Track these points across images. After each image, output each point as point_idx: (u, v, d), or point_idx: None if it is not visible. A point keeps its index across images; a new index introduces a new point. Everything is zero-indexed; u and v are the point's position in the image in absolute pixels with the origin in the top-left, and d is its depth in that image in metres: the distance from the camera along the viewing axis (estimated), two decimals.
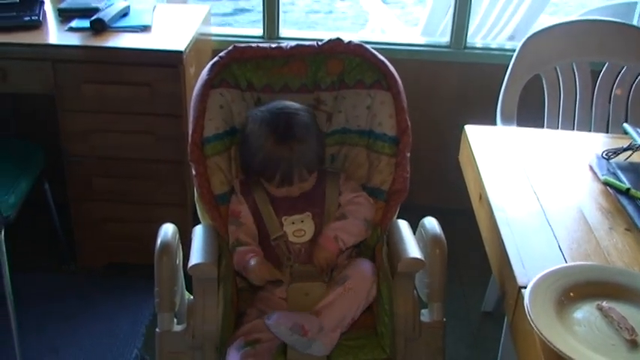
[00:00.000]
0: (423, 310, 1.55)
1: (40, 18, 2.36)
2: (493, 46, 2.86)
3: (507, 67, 2.26)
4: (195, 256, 1.41)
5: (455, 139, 1.87)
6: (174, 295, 1.47)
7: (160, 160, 2.39)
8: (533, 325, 1.09)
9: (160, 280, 1.44)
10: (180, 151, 2.33)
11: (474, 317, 2.47)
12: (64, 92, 2.28)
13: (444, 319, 1.53)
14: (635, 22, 2.72)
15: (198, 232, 1.53)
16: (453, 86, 2.86)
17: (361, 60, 1.59)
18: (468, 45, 2.82)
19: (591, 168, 1.66)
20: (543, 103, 2.25)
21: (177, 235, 1.52)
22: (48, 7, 2.48)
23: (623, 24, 2.27)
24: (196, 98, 1.53)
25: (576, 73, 2.23)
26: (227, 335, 1.45)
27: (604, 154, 1.66)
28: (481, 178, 1.60)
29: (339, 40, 1.59)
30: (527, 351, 1.18)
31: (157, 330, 1.47)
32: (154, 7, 2.56)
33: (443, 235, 1.52)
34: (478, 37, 2.88)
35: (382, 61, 1.58)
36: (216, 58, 1.56)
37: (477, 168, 1.65)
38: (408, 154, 1.57)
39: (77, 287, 2.49)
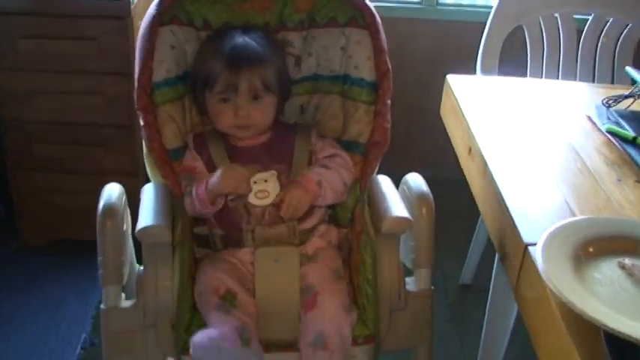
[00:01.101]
0: (407, 279, 1.37)
1: None
2: (466, 2, 2.68)
3: (482, 26, 2.08)
4: (145, 219, 1.21)
5: (428, 101, 1.68)
6: (122, 265, 1.26)
7: (108, 124, 2.16)
8: (552, 287, 0.92)
9: (104, 248, 1.24)
10: (130, 114, 2.11)
11: (452, 289, 2.32)
12: (0, 49, 2.05)
13: (432, 288, 1.36)
14: None
15: (147, 192, 1.32)
16: (426, 45, 2.69)
17: None
18: (439, 2, 2.65)
19: (590, 118, 1.50)
20: (524, 57, 2.09)
21: (125, 197, 1.31)
22: None
23: None
24: (143, 37, 1.32)
25: (560, 25, 2.07)
26: (184, 310, 1.25)
27: (604, 102, 1.49)
28: (470, 129, 1.43)
29: None
30: (539, 318, 1.01)
31: (102, 307, 1.26)
32: None
33: (430, 193, 1.35)
34: None
35: None
36: None
37: (465, 118, 1.47)
38: (389, 102, 1.38)
39: (20, 266, 2.27)
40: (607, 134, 1.41)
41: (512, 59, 2.06)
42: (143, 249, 1.23)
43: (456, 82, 1.64)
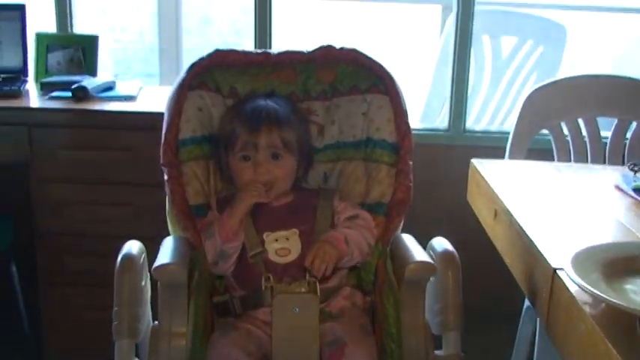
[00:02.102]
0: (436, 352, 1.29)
1: (21, 89, 2.25)
2: (493, 129, 2.74)
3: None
4: (162, 259, 1.19)
5: (454, 232, 1.66)
6: (137, 319, 1.22)
7: (138, 236, 2.16)
8: (590, 292, 0.86)
9: (120, 299, 1.21)
10: (158, 226, 2.12)
11: None
12: (39, 160, 2.11)
13: (463, 354, 1.28)
14: None
15: (166, 242, 1.31)
16: (453, 171, 2.70)
17: (355, 67, 1.44)
18: (467, 129, 2.71)
19: (618, 187, 1.47)
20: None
21: (145, 255, 1.30)
22: (31, 84, 2.38)
23: (630, 78, 2.16)
24: (172, 98, 1.38)
25: (585, 130, 2.09)
26: None
27: (629, 166, 1.48)
28: (495, 195, 1.41)
29: (330, 46, 1.46)
30: (573, 337, 0.94)
31: None
32: (141, 87, 2.46)
33: (455, 253, 1.31)
34: (480, 124, 2.78)
35: (378, 65, 1.44)
36: (195, 60, 1.42)
37: (489, 186, 1.46)
38: (411, 162, 1.39)
39: None
40: (634, 194, 1.38)
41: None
42: (159, 290, 1.19)
43: (481, 164, 1.64)
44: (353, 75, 1.44)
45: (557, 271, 1.01)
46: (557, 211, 1.34)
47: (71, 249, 2.18)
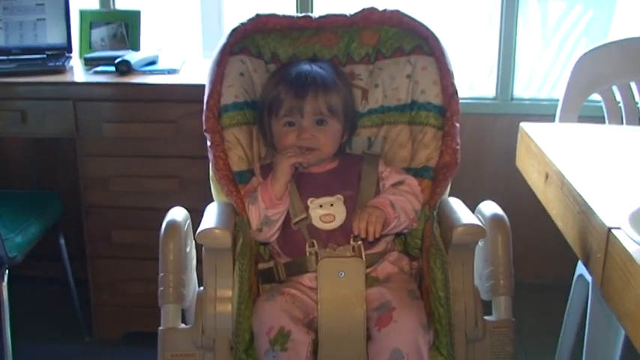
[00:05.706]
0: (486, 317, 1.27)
1: (65, 65, 2.27)
2: (542, 97, 2.67)
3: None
4: (206, 224, 1.18)
5: (507, 200, 1.62)
6: (182, 284, 1.22)
7: (185, 208, 2.18)
8: None
9: (165, 264, 1.21)
10: (204, 198, 2.13)
11: None
12: (85, 134, 2.14)
13: (514, 320, 1.25)
14: None
15: (210, 208, 1.31)
16: (501, 141, 2.65)
17: (398, 29, 1.41)
18: (515, 97, 2.64)
19: None
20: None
21: (189, 222, 1.30)
22: (75, 60, 2.40)
23: None
24: (214, 63, 1.37)
25: (637, 93, 2.01)
26: (243, 328, 1.18)
27: None
28: (546, 157, 1.36)
29: (372, 9, 1.43)
30: (635, 301, 0.90)
31: (160, 327, 1.21)
32: (184, 62, 2.46)
33: (505, 217, 1.27)
34: (528, 92, 2.70)
35: (422, 25, 1.40)
36: (237, 24, 1.40)
37: (541, 151, 1.41)
38: (458, 125, 1.35)
39: None
40: None
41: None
42: (204, 256, 1.19)
43: (530, 127, 1.59)
44: (396, 37, 1.41)
45: (612, 230, 0.97)
46: (611, 172, 1.29)
47: (118, 222, 2.20)
